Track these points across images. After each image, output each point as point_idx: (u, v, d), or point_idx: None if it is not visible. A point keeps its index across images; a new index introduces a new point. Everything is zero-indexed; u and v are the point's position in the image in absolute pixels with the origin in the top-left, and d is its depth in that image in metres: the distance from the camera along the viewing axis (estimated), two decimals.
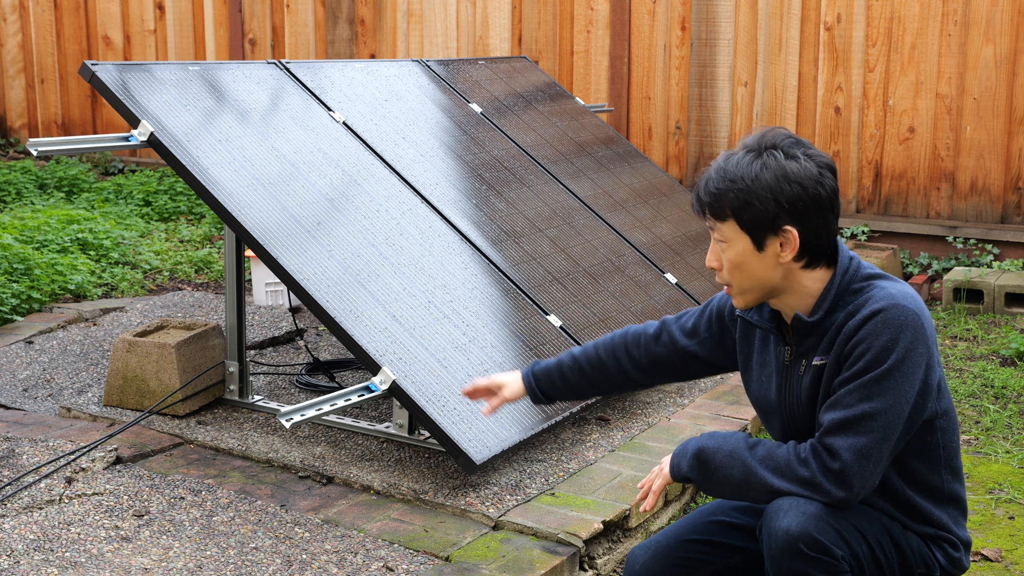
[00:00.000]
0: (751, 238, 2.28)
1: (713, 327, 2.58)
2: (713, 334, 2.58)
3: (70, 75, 9.24)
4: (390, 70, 5.07)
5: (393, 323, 3.56)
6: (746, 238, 2.28)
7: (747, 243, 2.29)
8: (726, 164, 2.30)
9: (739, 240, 2.29)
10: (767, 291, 2.33)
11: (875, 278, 2.30)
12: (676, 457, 2.41)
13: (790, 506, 2.22)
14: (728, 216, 2.28)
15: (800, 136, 2.42)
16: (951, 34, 6.40)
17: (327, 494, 3.36)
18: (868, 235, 6.67)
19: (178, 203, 7.55)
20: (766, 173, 2.24)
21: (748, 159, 2.27)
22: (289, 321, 5.04)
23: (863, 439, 2.19)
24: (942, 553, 2.36)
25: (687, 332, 2.62)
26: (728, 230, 2.30)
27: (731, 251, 2.31)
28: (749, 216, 2.26)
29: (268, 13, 8.36)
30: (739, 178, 2.26)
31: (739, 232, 2.29)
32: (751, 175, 2.25)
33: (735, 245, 2.30)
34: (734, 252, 2.31)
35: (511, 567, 2.94)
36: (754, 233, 2.27)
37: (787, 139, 2.28)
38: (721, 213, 2.29)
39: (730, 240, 2.30)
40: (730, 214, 2.28)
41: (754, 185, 2.25)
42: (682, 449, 2.41)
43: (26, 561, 2.89)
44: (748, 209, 2.26)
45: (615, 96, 7.26)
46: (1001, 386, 4.73)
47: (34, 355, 4.56)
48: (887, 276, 2.32)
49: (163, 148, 3.68)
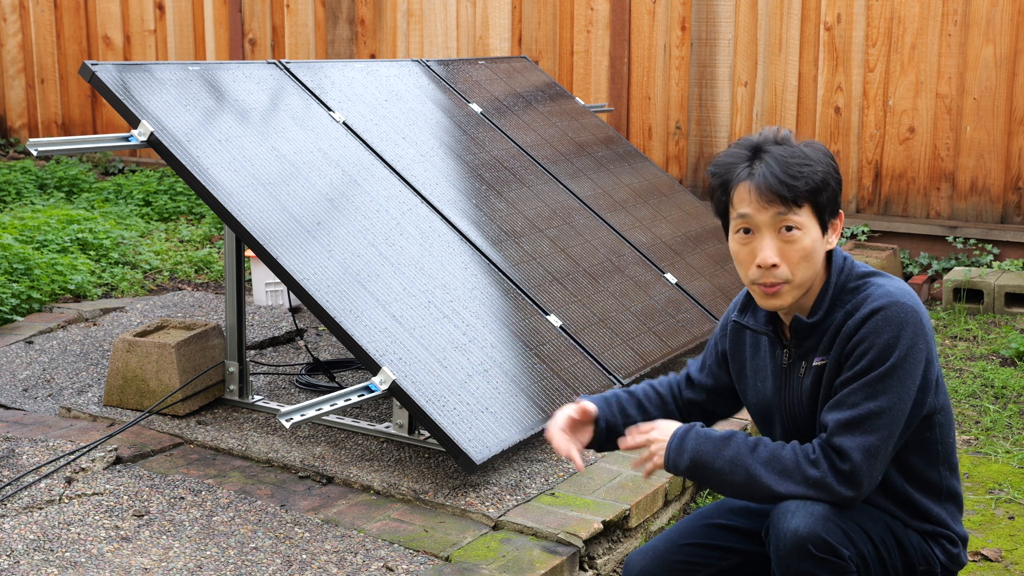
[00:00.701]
0: (819, 223, 2.24)
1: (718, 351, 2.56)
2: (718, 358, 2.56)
3: (70, 75, 9.24)
4: (390, 70, 5.07)
5: (393, 323, 3.56)
6: (816, 224, 2.24)
7: (817, 229, 2.25)
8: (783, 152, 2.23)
9: (812, 226, 2.24)
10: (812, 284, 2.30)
11: (870, 276, 2.30)
12: (673, 452, 2.31)
13: (797, 507, 2.21)
14: (804, 201, 2.22)
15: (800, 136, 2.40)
16: (951, 34, 6.40)
17: (327, 494, 3.36)
18: (868, 235, 6.68)
19: (178, 203, 7.55)
20: (818, 154, 2.23)
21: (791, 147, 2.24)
22: (289, 321, 5.04)
23: (870, 438, 2.19)
24: (941, 549, 2.37)
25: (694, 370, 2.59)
26: (804, 216, 2.23)
27: (807, 239, 2.23)
28: (825, 197, 2.23)
29: (268, 13, 8.36)
30: (815, 160, 2.22)
31: (812, 218, 2.24)
32: (815, 156, 2.23)
33: (810, 231, 2.24)
34: (810, 239, 2.24)
35: (511, 567, 2.94)
36: (823, 217, 2.25)
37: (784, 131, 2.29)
38: (800, 198, 2.22)
39: (806, 227, 2.23)
40: (807, 199, 2.22)
41: (823, 166, 2.23)
42: (679, 442, 2.31)
43: (26, 561, 2.89)
44: (825, 190, 2.22)
45: (615, 96, 7.26)
46: (1001, 386, 4.73)
47: (34, 355, 4.56)
48: (881, 273, 2.32)
49: (163, 148, 3.68)
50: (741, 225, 2.27)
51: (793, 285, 2.26)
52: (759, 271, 2.26)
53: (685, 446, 2.31)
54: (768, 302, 2.29)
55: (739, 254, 2.29)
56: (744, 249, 2.28)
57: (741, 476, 2.25)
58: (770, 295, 2.27)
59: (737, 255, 2.30)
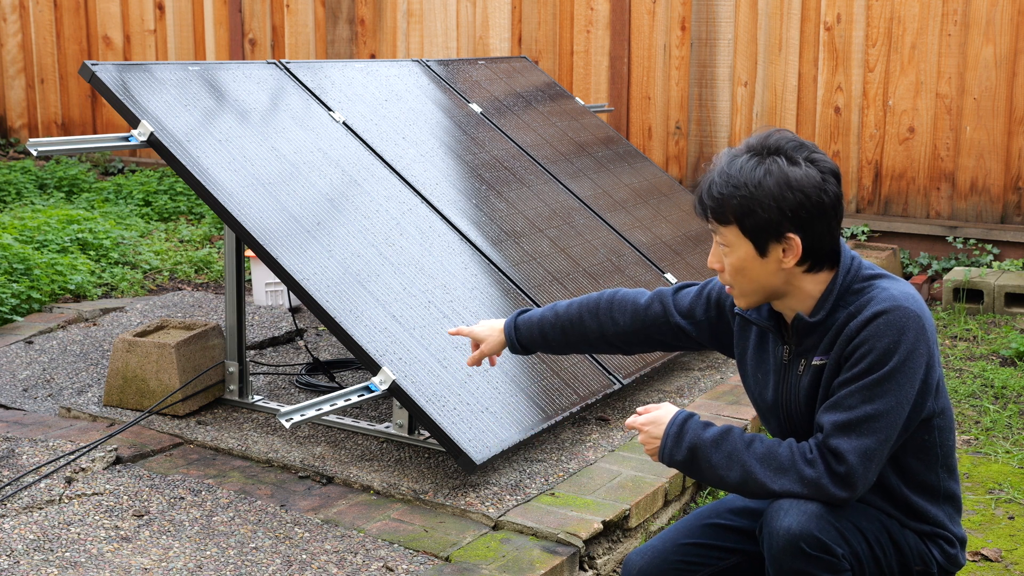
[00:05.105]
0: (753, 244, 2.26)
1: (711, 312, 2.57)
2: (710, 319, 2.58)
3: (70, 75, 9.24)
4: (390, 70, 5.07)
5: (393, 323, 3.56)
6: (748, 244, 2.27)
7: (749, 249, 2.27)
8: (729, 168, 2.27)
9: (741, 245, 2.28)
10: (769, 294, 2.33)
11: (876, 278, 2.30)
12: (670, 444, 2.32)
13: (791, 505, 2.21)
14: (731, 221, 2.26)
15: (800, 136, 2.39)
16: (951, 34, 6.40)
17: (327, 494, 3.36)
18: (868, 235, 6.68)
19: (178, 203, 7.55)
20: (769, 180, 2.22)
21: (752, 164, 2.24)
22: (289, 321, 5.04)
23: (867, 441, 2.19)
24: (939, 550, 2.37)
25: (683, 311, 2.61)
26: (730, 235, 2.28)
27: (733, 256, 2.29)
28: (752, 223, 2.24)
29: (268, 13, 8.36)
30: (742, 184, 2.24)
31: (741, 237, 2.27)
32: (754, 181, 2.23)
33: (737, 250, 2.28)
34: (736, 257, 2.29)
35: (511, 567, 2.94)
36: (756, 239, 2.26)
37: (790, 143, 2.26)
38: (724, 218, 2.27)
39: (732, 245, 2.29)
40: (732, 219, 2.26)
41: (757, 192, 2.22)
42: (677, 435, 2.32)
43: (26, 561, 2.89)
44: (751, 216, 2.24)
45: (615, 96, 7.26)
46: (1001, 386, 4.73)
47: (34, 355, 4.56)
48: (888, 275, 2.31)
49: (163, 148, 3.68)
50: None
51: (737, 292, 2.34)
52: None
53: (683, 439, 2.32)
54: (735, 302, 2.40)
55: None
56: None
57: (737, 472, 2.26)
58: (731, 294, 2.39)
59: None
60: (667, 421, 2.34)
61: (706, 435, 2.30)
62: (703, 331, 2.59)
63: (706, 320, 2.58)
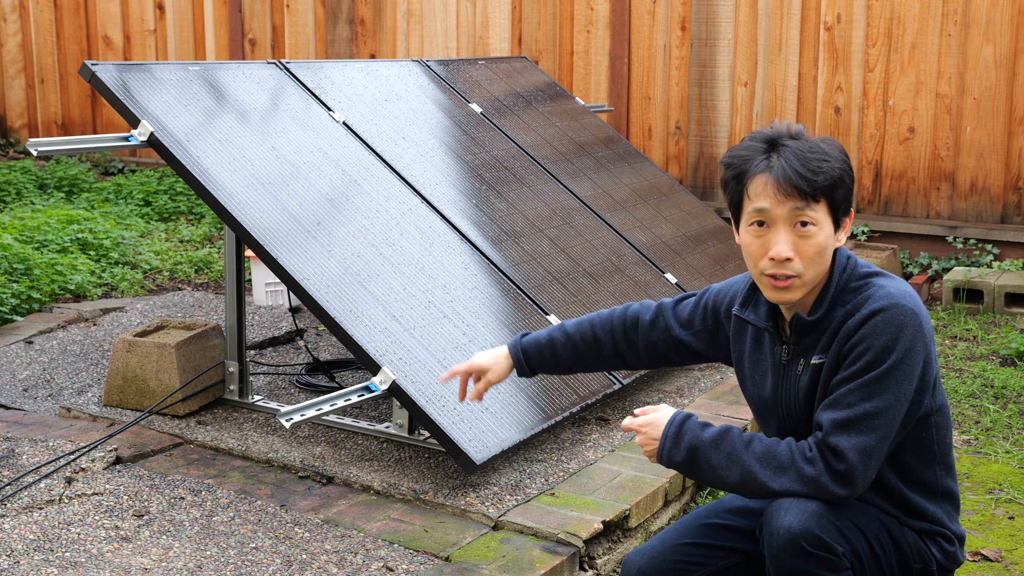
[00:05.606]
0: (833, 220, 2.24)
1: (708, 320, 2.57)
2: (708, 327, 2.57)
3: (70, 75, 9.24)
4: (390, 70, 5.07)
5: (393, 323, 3.56)
6: (830, 220, 2.23)
7: (831, 226, 2.24)
8: (803, 146, 2.21)
9: (827, 223, 2.23)
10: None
11: (873, 276, 2.30)
12: (668, 444, 2.31)
13: (791, 504, 2.21)
14: (821, 197, 2.21)
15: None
16: (951, 34, 6.40)
17: (327, 494, 3.36)
18: (868, 235, 6.68)
19: (178, 203, 7.55)
20: (837, 151, 2.22)
21: (813, 140, 2.22)
22: (289, 321, 5.04)
23: (866, 438, 2.19)
24: (937, 548, 2.37)
25: (683, 322, 2.60)
26: (819, 212, 2.22)
27: (820, 235, 2.23)
28: (840, 195, 2.22)
29: (268, 13, 8.36)
30: (832, 156, 2.21)
31: (827, 214, 2.23)
32: (836, 153, 2.21)
33: (824, 227, 2.23)
34: (823, 235, 2.23)
35: (511, 567, 2.94)
36: (836, 214, 2.24)
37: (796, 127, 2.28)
38: (818, 194, 2.20)
39: (821, 223, 2.22)
40: (823, 194, 2.21)
41: (843, 163, 2.22)
42: (676, 436, 2.31)
43: (26, 561, 2.89)
44: (840, 187, 2.22)
45: (615, 96, 7.26)
46: (1001, 386, 4.73)
47: (34, 355, 4.56)
48: (884, 274, 2.31)
49: (163, 148, 3.68)
50: (756, 218, 2.25)
51: (803, 280, 2.25)
52: (771, 263, 2.24)
53: (681, 439, 2.31)
54: (777, 295, 2.28)
55: (751, 246, 2.28)
56: (757, 242, 2.26)
57: (736, 471, 2.26)
58: (780, 288, 2.26)
59: (749, 247, 2.28)
60: (665, 422, 2.33)
61: (705, 435, 2.30)
62: (702, 340, 2.58)
63: (704, 329, 2.57)
